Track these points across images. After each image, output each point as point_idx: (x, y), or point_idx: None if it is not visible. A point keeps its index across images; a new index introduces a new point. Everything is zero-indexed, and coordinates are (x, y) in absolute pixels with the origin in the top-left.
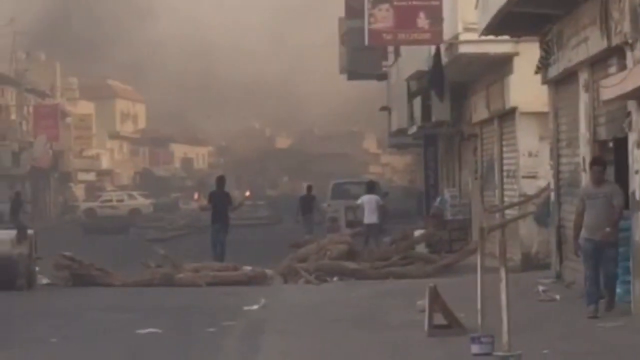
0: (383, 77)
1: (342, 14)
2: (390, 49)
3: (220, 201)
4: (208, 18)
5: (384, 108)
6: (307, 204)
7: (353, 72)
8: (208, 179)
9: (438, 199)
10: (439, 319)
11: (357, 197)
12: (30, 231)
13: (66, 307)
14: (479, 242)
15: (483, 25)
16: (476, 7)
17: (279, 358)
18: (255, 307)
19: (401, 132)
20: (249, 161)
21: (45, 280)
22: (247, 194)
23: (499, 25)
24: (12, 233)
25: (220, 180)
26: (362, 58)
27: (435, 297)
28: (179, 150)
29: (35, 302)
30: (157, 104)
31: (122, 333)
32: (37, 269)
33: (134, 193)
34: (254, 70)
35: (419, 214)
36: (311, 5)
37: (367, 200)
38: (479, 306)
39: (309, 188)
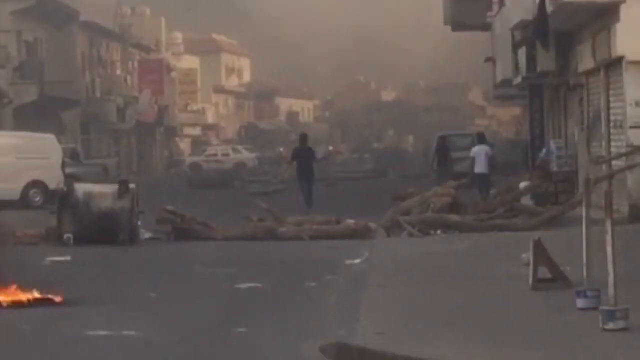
0: (488, 27)
1: None
2: None
3: (304, 157)
4: None
5: (488, 59)
6: (443, 155)
7: (458, 23)
8: (312, 134)
9: (544, 151)
10: (544, 273)
11: (462, 149)
12: (132, 185)
13: (167, 262)
14: (585, 194)
15: None
16: None
17: (382, 313)
18: (357, 261)
19: (506, 83)
20: (354, 114)
21: (147, 235)
22: (331, 148)
23: None
24: (115, 187)
25: (303, 138)
26: (467, 9)
27: (540, 250)
28: (284, 104)
29: (137, 257)
30: (262, 58)
31: (222, 288)
32: (139, 223)
33: (239, 147)
34: (358, 23)
35: (524, 166)
36: None
37: (478, 151)
38: (584, 260)
39: (444, 138)
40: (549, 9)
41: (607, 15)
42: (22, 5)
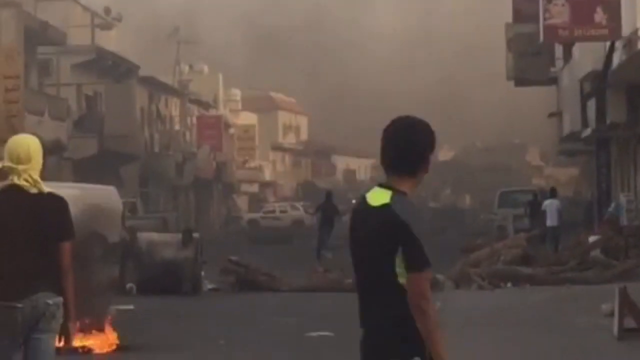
0: (551, 82)
1: (509, 19)
2: (558, 54)
3: (328, 211)
4: (370, 28)
5: (552, 114)
6: (536, 209)
7: (520, 78)
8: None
9: (612, 205)
10: (629, 323)
11: (524, 205)
12: (195, 234)
13: (233, 310)
14: None
15: None
16: None
17: None
18: None
19: (573, 136)
20: None
21: (210, 286)
22: (354, 201)
23: None
24: (177, 237)
25: (329, 194)
26: (530, 64)
27: (625, 299)
28: (341, 162)
29: (202, 305)
30: (319, 115)
31: (291, 336)
32: (202, 273)
33: (297, 204)
34: (416, 79)
35: (587, 224)
36: (475, 10)
37: (549, 205)
38: None
39: (535, 194)
40: (621, 57)
41: None
42: (82, 59)
